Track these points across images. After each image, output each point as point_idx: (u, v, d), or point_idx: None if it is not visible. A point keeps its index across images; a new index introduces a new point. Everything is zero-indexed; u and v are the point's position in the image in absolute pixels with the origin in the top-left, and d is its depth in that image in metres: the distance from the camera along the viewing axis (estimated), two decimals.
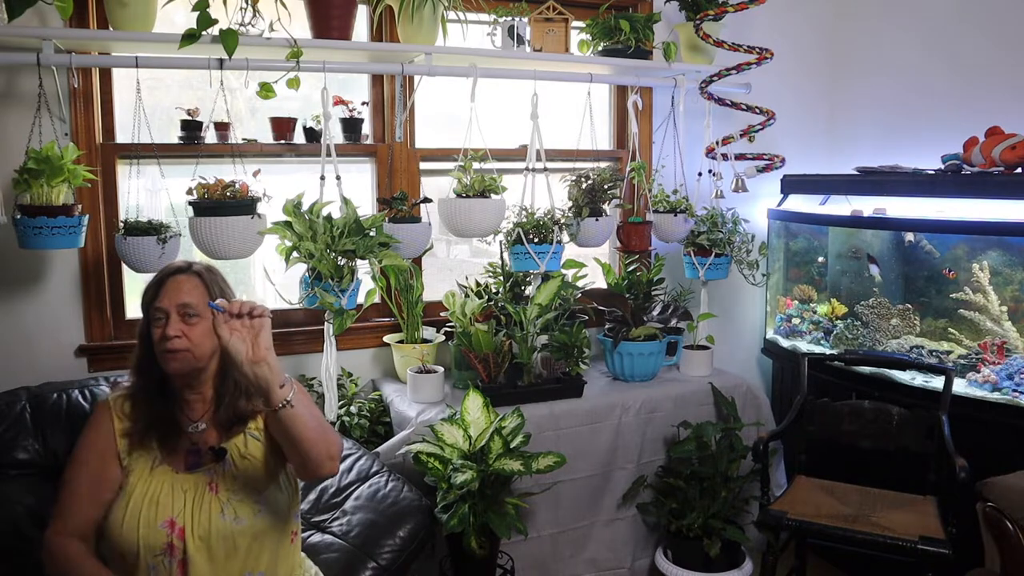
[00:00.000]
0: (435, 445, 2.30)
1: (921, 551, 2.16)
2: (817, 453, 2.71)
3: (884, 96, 3.36)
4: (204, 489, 1.59)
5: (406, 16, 2.45)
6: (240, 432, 1.66)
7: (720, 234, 2.97)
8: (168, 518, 1.55)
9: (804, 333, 3.24)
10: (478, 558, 2.27)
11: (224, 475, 1.61)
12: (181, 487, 1.58)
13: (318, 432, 1.55)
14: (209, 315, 1.56)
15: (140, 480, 1.58)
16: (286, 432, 1.51)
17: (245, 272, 2.83)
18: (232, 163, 2.38)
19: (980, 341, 2.60)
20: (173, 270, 1.66)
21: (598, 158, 3.14)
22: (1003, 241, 2.53)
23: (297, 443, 1.52)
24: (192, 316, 1.60)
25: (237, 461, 1.63)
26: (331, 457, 1.59)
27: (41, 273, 2.43)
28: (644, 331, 2.82)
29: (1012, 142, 2.49)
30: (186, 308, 1.60)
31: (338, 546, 2.06)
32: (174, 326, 1.58)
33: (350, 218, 2.28)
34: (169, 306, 1.59)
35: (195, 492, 1.58)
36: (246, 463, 1.63)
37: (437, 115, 2.98)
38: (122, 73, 2.51)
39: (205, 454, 1.62)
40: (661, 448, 2.77)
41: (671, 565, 2.67)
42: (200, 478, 1.60)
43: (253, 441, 1.66)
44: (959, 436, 2.40)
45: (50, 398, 2.17)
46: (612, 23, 2.82)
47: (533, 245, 2.61)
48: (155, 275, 1.66)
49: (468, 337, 2.57)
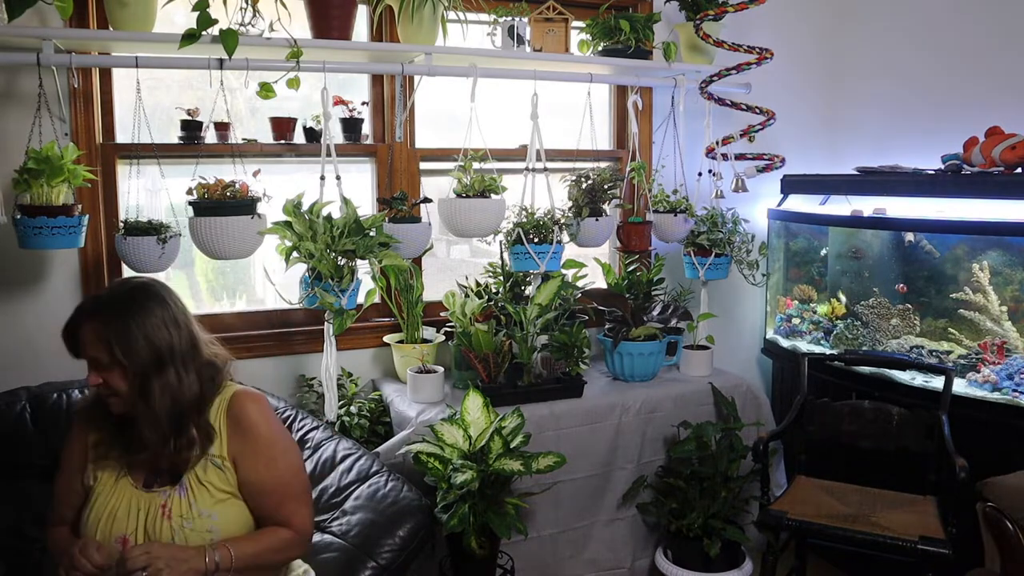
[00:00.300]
0: (435, 445, 2.30)
1: (921, 551, 2.16)
2: (817, 453, 2.71)
3: (884, 96, 3.36)
4: (157, 512, 1.54)
5: (406, 16, 2.45)
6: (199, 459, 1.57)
7: (720, 234, 2.97)
8: (121, 534, 1.53)
9: (804, 333, 3.24)
10: (478, 558, 2.27)
11: (179, 501, 1.55)
12: (137, 504, 1.55)
13: (272, 560, 1.62)
14: (124, 361, 1.48)
15: (104, 490, 1.58)
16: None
17: (245, 272, 2.83)
18: (232, 163, 2.38)
19: (980, 341, 2.60)
20: (76, 315, 1.53)
21: (598, 158, 3.14)
22: (1003, 241, 2.53)
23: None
24: (103, 367, 1.50)
25: (193, 487, 1.56)
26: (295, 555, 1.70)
27: (41, 273, 2.43)
28: (644, 331, 2.82)
29: (1012, 142, 2.49)
30: (95, 361, 1.51)
31: (337, 546, 2.06)
32: (92, 376, 1.51)
33: (350, 218, 2.28)
34: (84, 356, 1.52)
35: (148, 513, 1.54)
36: (203, 490, 1.57)
37: (437, 115, 2.98)
38: (122, 73, 2.51)
39: (162, 474, 1.59)
40: (661, 448, 2.77)
41: (671, 565, 2.67)
42: (155, 499, 1.55)
43: (214, 469, 1.59)
44: (959, 436, 2.40)
45: (50, 398, 2.17)
46: (612, 23, 2.82)
47: (533, 245, 2.61)
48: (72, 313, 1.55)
49: (468, 337, 2.57)
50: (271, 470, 1.61)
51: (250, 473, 1.60)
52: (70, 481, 1.62)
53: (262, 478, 1.61)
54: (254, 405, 1.65)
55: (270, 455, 1.62)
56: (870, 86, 3.42)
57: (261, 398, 1.69)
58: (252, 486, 1.60)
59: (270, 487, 1.61)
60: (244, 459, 1.60)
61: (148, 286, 1.58)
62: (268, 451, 1.62)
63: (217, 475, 1.59)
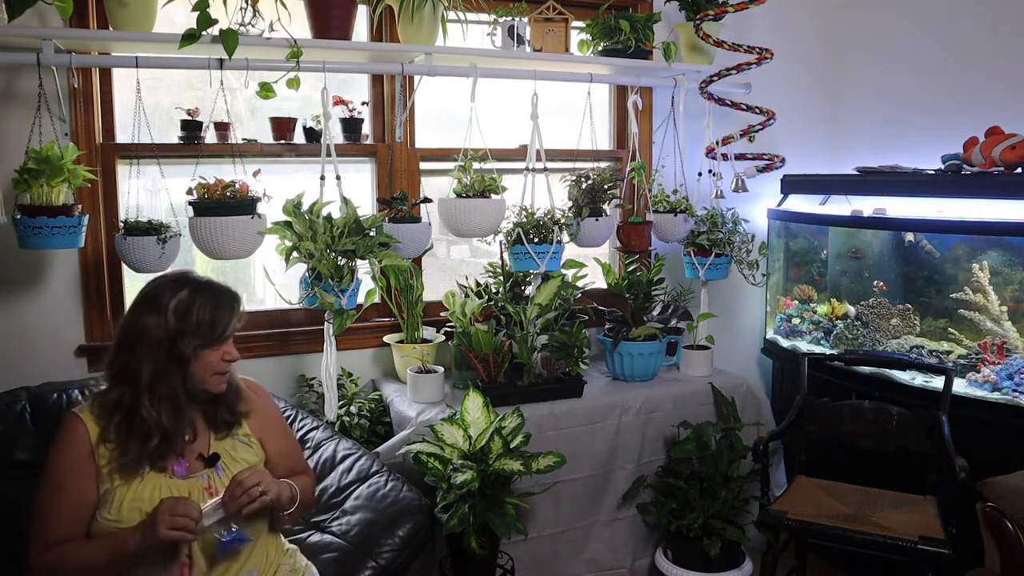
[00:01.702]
0: (435, 445, 2.30)
1: (921, 551, 2.16)
2: (817, 453, 2.71)
3: (884, 96, 3.36)
4: (202, 495, 1.59)
5: (406, 16, 2.45)
6: (227, 436, 1.71)
7: (720, 234, 2.97)
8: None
9: (804, 333, 3.24)
10: (478, 558, 2.27)
11: (220, 481, 1.63)
12: (179, 491, 1.57)
13: (310, 499, 1.87)
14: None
15: (131, 487, 1.55)
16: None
17: (245, 272, 2.83)
18: (232, 163, 2.38)
19: (980, 341, 2.60)
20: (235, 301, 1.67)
21: (598, 158, 3.14)
22: (1003, 241, 2.53)
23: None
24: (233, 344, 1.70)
25: (229, 464, 1.67)
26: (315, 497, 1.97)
27: (41, 273, 2.43)
28: (644, 331, 2.82)
29: (1012, 142, 2.49)
30: (233, 339, 1.69)
31: (337, 545, 2.06)
32: (233, 350, 1.66)
33: (350, 218, 2.28)
34: (227, 336, 1.65)
35: (191, 497, 1.57)
36: (237, 465, 1.67)
37: (437, 115, 2.98)
38: (122, 73, 2.51)
39: (195, 461, 1.63)
40: (661, 448, 2.77)
41: (671, 565, 2.67)
42: (195, 484, 1.61)
43: (243, 446, 1.72)
44: (959, 436, 2.40)
45: (50, 398, 2.17)
46: (612, 23, 2.82)
47: (533, 245, 2.61)
48: (214, 299, 1.63)
49: (468, 337, 2.57)
50: (288, 436, 1.91)
51: (274, 443, 1.80)
52: (80, 496, 1.55)
53: (283, 446, 1.83)
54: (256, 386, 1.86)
55: (282, 425, 1.91)
56: (870, 86, 3.42)
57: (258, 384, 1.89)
58: (278, 454, 1.80)
59: (289, 449, 1.86)
60: (267, 434, 1.79)
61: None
62: (280, 423, 1.90)
63: (246, 451, 1.72)
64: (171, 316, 1.57)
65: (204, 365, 1.60)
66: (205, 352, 1.60)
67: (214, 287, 1.65)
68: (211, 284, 1.65)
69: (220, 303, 1.62)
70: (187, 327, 1.57)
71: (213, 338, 1.60)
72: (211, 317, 1.60)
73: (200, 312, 1.59)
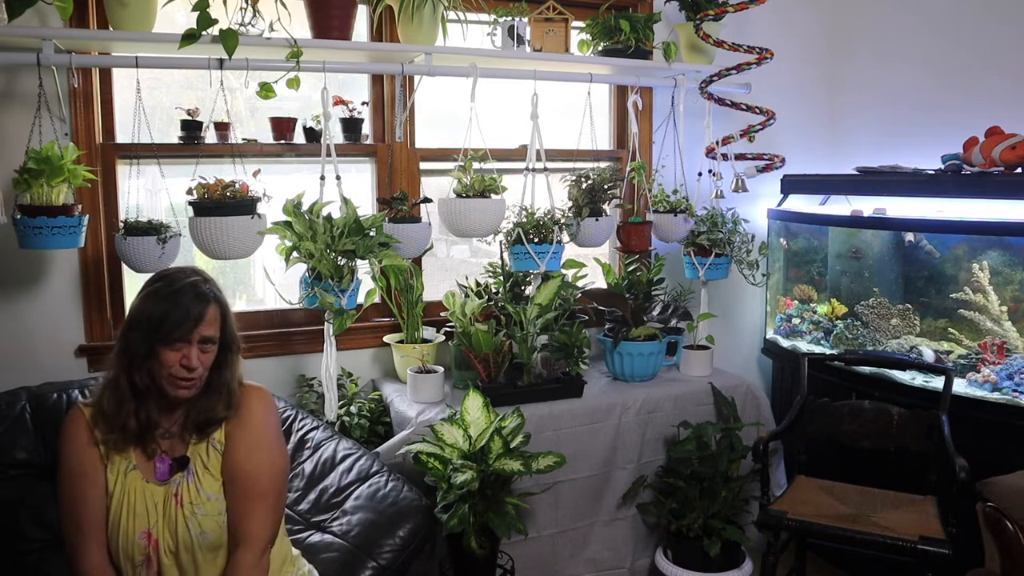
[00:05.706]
0: (435, 445, 2.30)
1: (921, 551, 2.16)
2: (817, 453, 2.71)
3: (884, 96, 3.36)
4: (171, 502, 1.58)
5: (406, 16, 2.45)
6: (202, 441, 1.63)
7: (720, 234, 2.96)
8: (145, 529, 1.55)
9: (804, 333, 3.24)
10: (478, 558, 2.27)
11: (188, 488, 1.59)
12: (152, 498, 1.57)
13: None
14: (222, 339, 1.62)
15: (118, 485, 1.57)
16: None
17: (245, 272, 2.83)
18: (232, 163, 2.38)
19: (980, 341, 2.60)
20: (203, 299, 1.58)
21: (598, 158, 3.14)
22: (1003, 241, 2.53)
23: None
24: (208, 344, 1.58)
25: (199, 472, 1.61)
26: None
27: (41, 273, 2.43)
28: (644, 331, 2.82)
29: (1012, 142, 2.49)
30: (206, 340, 1.58)
31: (338, 546, 2.06)
32: (195, 357, 1.55)
33: (350, 218, 2.28)
34: (192, 337, 1.55)
35: (164, 505, 1.57)
36: (207, 474, 1.62)
37: (437, 115, 2.98)
38: (122, 73, 2.51)
39: (172, 464, 1.61)
40: (661, 448, 2.77)
41: (671, 565, 2.67)
42: (168, 490, 1.59)
43: (215, 452, 1.64)
44: (959, 436, 2.40)
45: (50, 398, 2.17)
46: (612, 23, 2.82)
47: (533, 245, 2.61)
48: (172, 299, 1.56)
49: (468, 337, 2.57)
50: (250, 458, 1.64)
51: (232, 454, 1.63)
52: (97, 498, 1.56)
53: (239, 461, 1.63)
54: (258, 394, 1.72)
55: (255, 443, 1.65)
56: (870, 86, 3.42)
57: (267, 394, 1.74)
58: (228, 470, 1.63)
59: (241, 474, 1.62)
60: (232, 440, 1.64)
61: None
62: (254, 439, 1.66)
63: (216, 459, 1.63)
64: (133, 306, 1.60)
65: (160, 363, 1.54)
66: (161, 349, 1.53)
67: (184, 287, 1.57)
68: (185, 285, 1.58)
69: (177, 303, 1.54)
70: (138, 320, 1.55)
71: (159, 336, 1.52)
72: (160, 315, 1.53)
73: (153, 307, 1.55)
